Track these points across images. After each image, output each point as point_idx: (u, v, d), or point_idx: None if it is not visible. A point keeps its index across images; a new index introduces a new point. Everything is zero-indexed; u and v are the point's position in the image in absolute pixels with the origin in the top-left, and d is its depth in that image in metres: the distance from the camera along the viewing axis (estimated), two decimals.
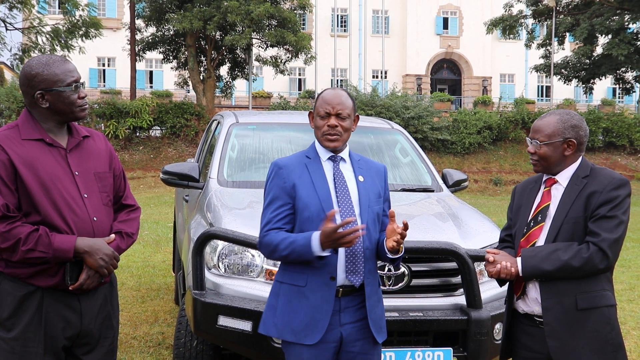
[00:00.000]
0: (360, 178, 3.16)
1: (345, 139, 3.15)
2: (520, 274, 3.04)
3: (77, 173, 2.99)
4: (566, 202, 3.05)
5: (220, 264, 4.20)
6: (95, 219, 3.00)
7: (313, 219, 3.05)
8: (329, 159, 3.17)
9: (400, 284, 4.04)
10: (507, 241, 3.32)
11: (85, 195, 2.99)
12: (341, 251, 3.01)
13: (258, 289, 4.04)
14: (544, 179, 3.21)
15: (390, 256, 3.04)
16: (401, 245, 3.01)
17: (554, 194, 3.12)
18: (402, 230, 2.96)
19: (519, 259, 3.05)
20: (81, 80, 3.04)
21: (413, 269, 4.08)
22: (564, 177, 3.12)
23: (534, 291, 3.09)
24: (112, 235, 3.03)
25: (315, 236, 2.92)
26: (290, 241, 2.98)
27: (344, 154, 3.20)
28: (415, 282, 4.09)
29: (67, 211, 2.92)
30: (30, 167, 2.88)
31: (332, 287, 3.02)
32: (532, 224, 3.13)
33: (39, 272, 2.90)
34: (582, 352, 2.96)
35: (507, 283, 3.20)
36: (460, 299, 4.12)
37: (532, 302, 3.10)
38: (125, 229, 3.14)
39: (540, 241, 3.08)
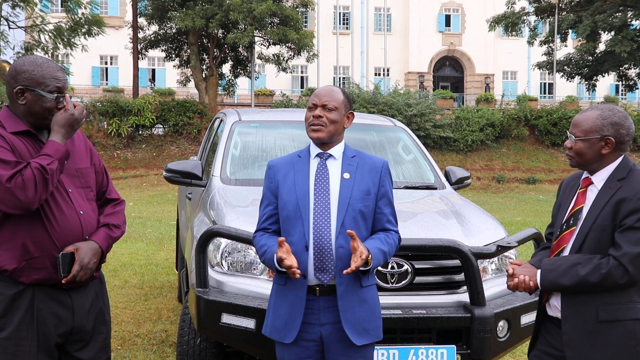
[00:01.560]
0: (346, 175, 3.11)
1: (331, 131, 3.12)
2: (539, 287, 2.97)
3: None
4: (596, 207, 2.90)
5: (223, 261, 4.20)
6: (81, 212, 3.01)
7: (291, 217, 3.07)
8: (317, 156, 3.16)
9: (403, 282, 4.02)
10: (550, 240, 3.22)
11: (70, 190, 3.00)
12: (311, 249, 3.02)
13: (261, 287, 4.02)
14: (582, 177, 3.07)
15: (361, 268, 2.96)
16: (359, 264, 2.90)
17: (588, 196, 2.99)
18: (358, 259, 2.89)
19: (538, 272, 2.96)
20: (66, 91, 3.05)
21: (416, 266, 4.05)
22: (599, 178, 2.97)
23: (555, 299, 3.01)
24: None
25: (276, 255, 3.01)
26: (263, 251, 3.08)
27: (334, 150, 3.17)
28: (418, 279, 4.07)
29: (54, 205, 2.93)
30: (20, 159, 2.89)
31: (304, 285, 3.03)
32: (564, 227, 3.02)
33: (26, 266, 2.89)
34: None
35: None
36: (463, 296, 4.09)
37: (554, 309, 3.03)
38: (112, 221, 3.15)
39: (569, 247, 2.98)
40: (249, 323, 3.88)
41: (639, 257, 2.77)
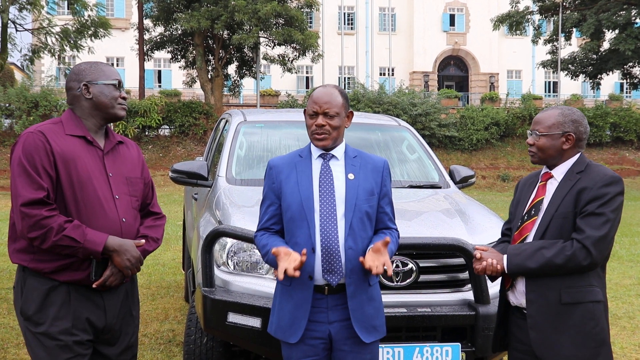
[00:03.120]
0: (350, 176, 3.11)
1: (335, 137, 3.11)
2: (506, 271, 3.05)
3: (111, 174, 3.09)
4: (558, 197, 3.04)
5: (229, 261, 4.21)
6: (124, 219, 3.08)
7: (295, 218, 3.07)
8: (319, 156, 3.15)
9: (408, 280, 4.04)
10: (507, 235, 3.33)
11: (117, 197, 3.08)
12: (318, 251, 3.02)
13: (267, 286, 4.02)
14: (541, 172, 3.22)
15: None
16: (380, 270, 2.93)
17: (548, 189, 3.12)
18: (380, 267, 2.91)
19: (505, 257, 3.06)
20: (122, 84, 3.24)
21: (421, 265, 4.07)
22: (559, 171, 3.12)
23: (521, 284, 3.10)
24: (142, 240, 3.11)
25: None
26: (265, 250, 3.08)
27: (337, 151, 3.16)
28: (423, 278, 4.09)
29: (99, 209, 3.00)
30: (68, 163, 2.97)
31: (310, 287, 3.04)
32: (525, 217, 3.13)
33: (64, 267, 2.96)
34: (563, 346, 2.96)
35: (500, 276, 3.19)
36: (468, 294, 4.12)
37: (520, 295, 3.11)
38: (151, 234, 3.22)
39: (532, 235, 3.09)
40: (255, 322, 3.89)
41: (601, 240, 2.91)
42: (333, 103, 3.10)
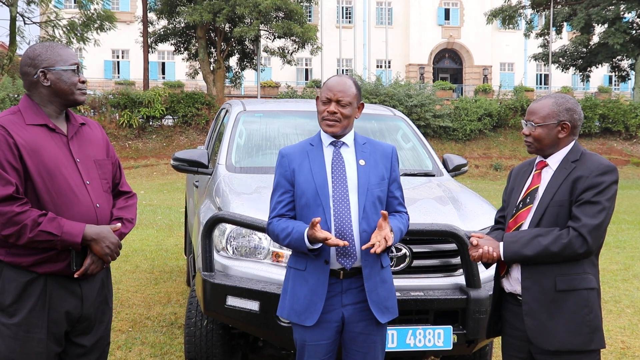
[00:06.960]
0: (361, 162, 3.14)
1: (344, 125, 3.14)
2: (502, 259, 3.04)
3: (78, 160, 2.95)
4: (553, 185, 3.01)
5: (228, 246, 4.23)
6: (98, 205, 2.97)
7: (310, 205, 3.09)
8: (330, 144, 3.18)
9: (402, 265, 4.07)
10: (501, 222, 3.31)
11: (88, 182, 2.95)
12: (333, 236, 3.03)
13: (265, 271, 4.06)
14: (536, 161, 3.19)
15: None
16: (383, 247, 2.98)
17: (543, 177, 3.09)
18: (383, 242, 2.97)
19: (501, 244, 3.04)
20: (81, 67, 3.04)
21: (414, 250, 4.10)
22: (554, 160, 3.08)
23: (516, 271, 3.08)
24: (119, 224, 3.01)
25: (306, 233, 3.01)
26: (287, 232, 3.07)
27: (347, 138, 3.18)
28: (416, 262, 4.12)
29: (72, 197, 2.88)
30: (34, 154, 2.82)
31: (326, 271, 3.07)
32: (520, 205, 3.10)
33: (42, 260, 2.85)
34: (558, 332, 2.94)
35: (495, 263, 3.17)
36: (459, 279, 4.15)
37: (514, 282, 3.09)
38: (125, 215, 3.11)
39: (527, 223, 3.06)
40: (253, 305, 3.94)
41: (597, 228, 2.89)
42: (347, 92, 3.14)
